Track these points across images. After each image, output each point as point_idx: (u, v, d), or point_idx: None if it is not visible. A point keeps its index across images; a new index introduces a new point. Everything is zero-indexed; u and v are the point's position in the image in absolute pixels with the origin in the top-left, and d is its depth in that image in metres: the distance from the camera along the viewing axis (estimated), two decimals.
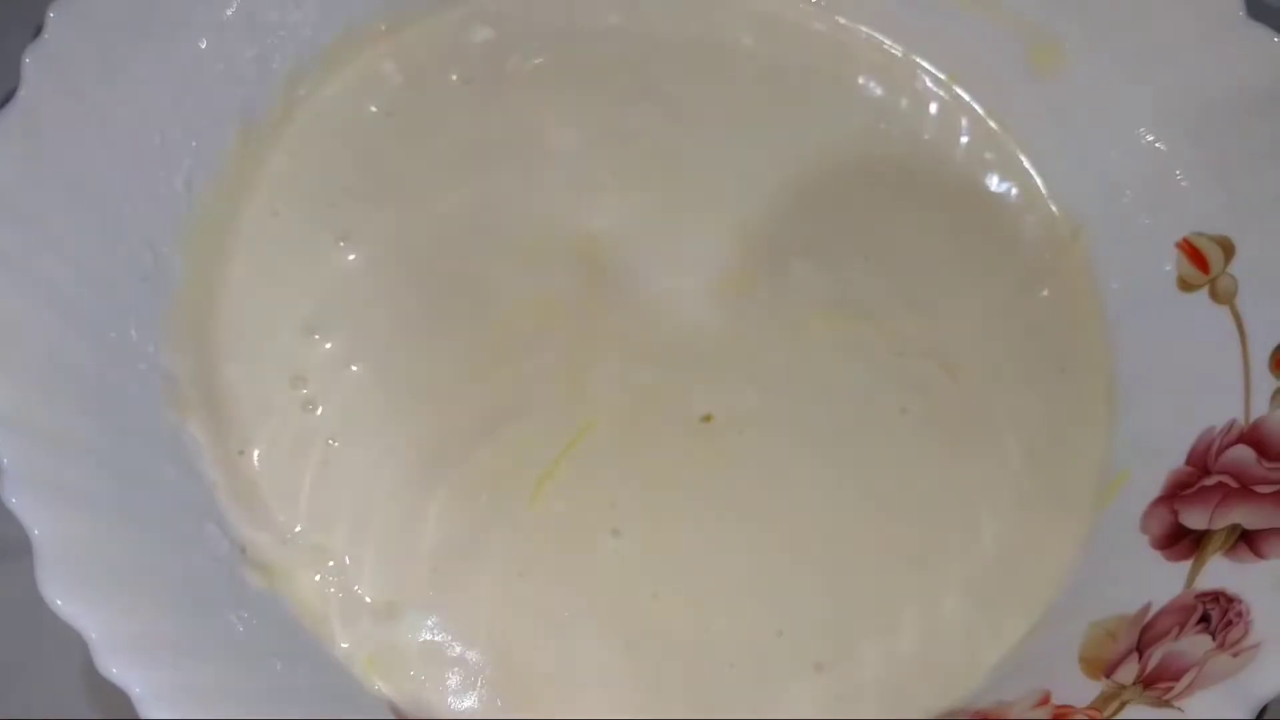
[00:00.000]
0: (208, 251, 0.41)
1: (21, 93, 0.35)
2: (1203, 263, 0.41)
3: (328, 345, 0.40)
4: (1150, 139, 0.43)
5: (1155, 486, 0.39)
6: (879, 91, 0.47)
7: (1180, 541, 0.37)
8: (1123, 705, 0.33)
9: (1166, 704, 0.32)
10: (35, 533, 0.30)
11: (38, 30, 0.36)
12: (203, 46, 0.40)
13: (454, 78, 0.46)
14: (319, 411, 0.39)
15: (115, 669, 0.29)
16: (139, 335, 0.37)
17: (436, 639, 0.37)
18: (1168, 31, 0.42)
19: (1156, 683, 0.33)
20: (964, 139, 0.47)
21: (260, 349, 0.40)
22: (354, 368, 0.40)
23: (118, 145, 0.37)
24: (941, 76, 0.47)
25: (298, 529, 0.38)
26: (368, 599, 0.37)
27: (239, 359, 0.40)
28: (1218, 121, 0.41)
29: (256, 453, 0.39)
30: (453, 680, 0.37)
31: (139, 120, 0.38)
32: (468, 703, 0.36)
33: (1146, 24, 0.42)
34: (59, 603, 0.29)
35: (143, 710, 0.29)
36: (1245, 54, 0.40)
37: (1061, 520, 0.40)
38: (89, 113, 0.37)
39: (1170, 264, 0.42)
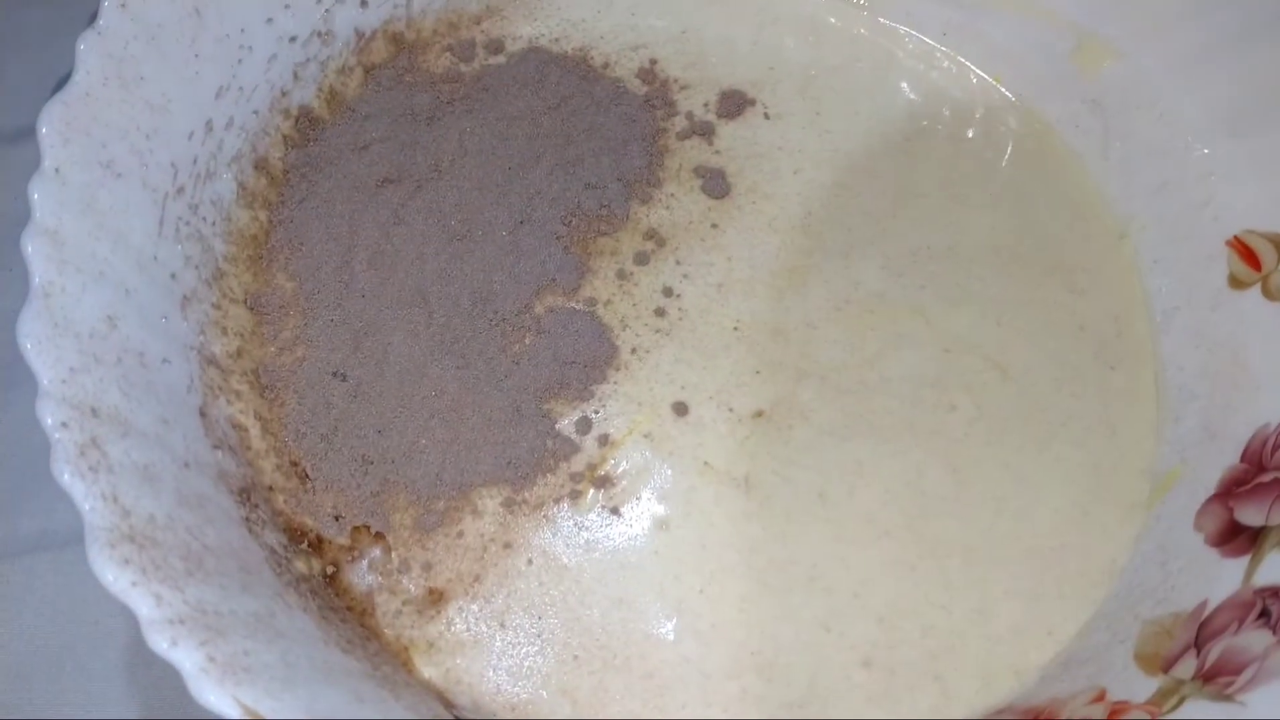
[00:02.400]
0: (254, 239, 0.41)
1: (76, 77, 0.35)
2: (1254, 260, 0.40)
3: (368, 340, 0.40)
4: (1196, 138, 0.42)
5: (1209, 484, 0.38)
6: (924, 92, 0.47)
7: (1237, 538, 0.36)
8: (1182, 700, 0.33)
9: (1228, 698, 0.32)
10: (86, 508, 0.30)
11: (93, 18, 0.36)
12: (252, 37, 0.40)
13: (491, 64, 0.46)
14: (364, 400, 0.39)
15: (164, 645, 0.29)
16: (189, 320, 0.37)
17: (482, 629, 0.37)
18: (1212, 32, 0.42)
19: (1217, 677, 0.32)
20: (1009, 140, 0.47)
21: (303, 335, 0.40)
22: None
23: (166, 131, 0.38)
24: (987, 77, 0.47)
25: (344, 518, 0.38)
26: (413, 588, 0.37)
27: (282, 344, 0.40)
28: (1264, 119, 0.41)
29: (305, 441, 0.38)
30: (494, 667, 0.36)
31: (188, 107, 0.38)
32: (513, 689, 0.36)
33: (1191, 24, 0.42)
34: (109, 578, 0.29)
35: (192, 686, 0.29)
36: None
37: (1113, 519, 0.40)
38: (139, 98, 0.37)
39: (1221, 262, 0.41)
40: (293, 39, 0.42)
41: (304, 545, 0.37)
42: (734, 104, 0.46)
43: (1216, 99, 0.42)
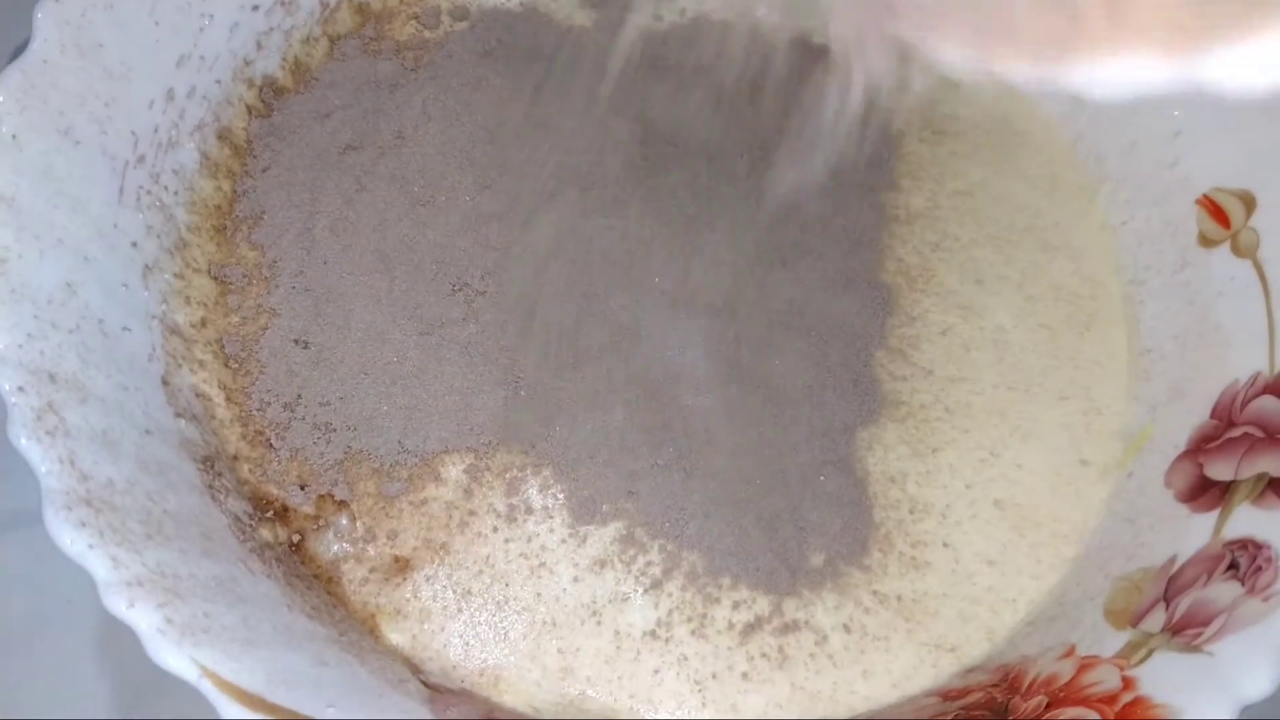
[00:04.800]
0: (217, 209, 0.41)
1: (33, 45, 0.35)
2: (1223, 218, 0.40)
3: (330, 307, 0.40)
4: (1164, 98, 0.42)
5: (1179, 441, 0.38)
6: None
7: (1206, 493, 0.36)
8: (1150, 653, 0.32)
9: (1196, 649, 0.31)
10: (43, 470, 0.30)
11: None
12: (213, 5, 0.40)
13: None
14: (326, 368, 0.39)
15: (122, 606, 0.28)
16: (150, 289, 0.37)
17: (449, 596, 0.36)
18: None
19: (1185, 629, 0.32)
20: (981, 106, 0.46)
21: (266, 304, 0.40)
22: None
23: (126, 99, 0.37)
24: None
25: (309, 486, 0.37)
26: (378, 556, 0.37)
27: (245, 314, 0.39)
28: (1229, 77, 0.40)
29: (269, 410, 0.38)
30: (462, 634, 0.36)
31: (148, 75, 0.38)
32: (481, 655, 0.36)
33: None
34: (66, 540, 0.29)
35: (149, 647, 0.28)
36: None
37: (1087, 481, 0.40)
38: (98, 66, 0.36)
39: (1191, 221, 0.41)
40: (255, 7, 0.42)
41: (269, 514, 0.37)
42: None
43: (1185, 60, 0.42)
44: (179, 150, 0.40)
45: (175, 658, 0.28)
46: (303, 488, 0.37)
